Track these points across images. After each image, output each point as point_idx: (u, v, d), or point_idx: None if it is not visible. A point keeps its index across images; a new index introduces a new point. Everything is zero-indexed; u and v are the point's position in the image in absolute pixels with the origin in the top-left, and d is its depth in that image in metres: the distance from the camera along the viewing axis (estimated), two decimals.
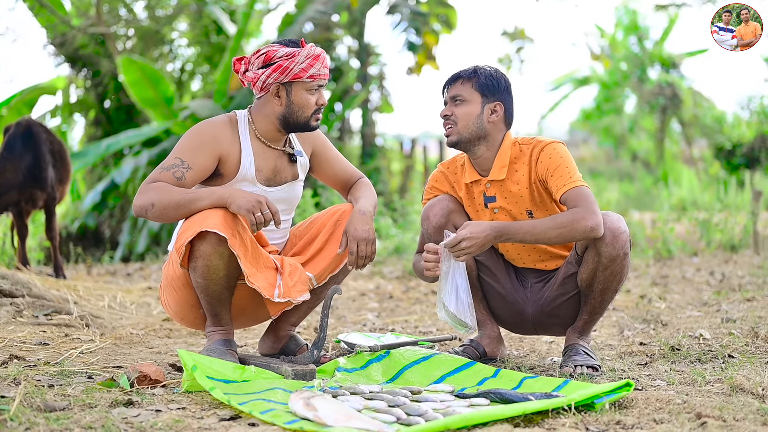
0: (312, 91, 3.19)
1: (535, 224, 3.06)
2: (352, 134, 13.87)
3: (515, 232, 3.06)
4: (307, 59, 3.14)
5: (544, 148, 3.21)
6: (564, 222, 3.03)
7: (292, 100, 3.18)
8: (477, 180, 3.30)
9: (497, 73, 3.26)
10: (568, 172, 3.13)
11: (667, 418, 2.41)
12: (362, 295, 5.82)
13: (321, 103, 3.22)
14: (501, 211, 3.28)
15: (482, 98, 3.22)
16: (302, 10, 11.69)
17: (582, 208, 3.05)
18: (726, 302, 5.02)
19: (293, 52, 3.13)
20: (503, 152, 3.25)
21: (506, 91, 3.26)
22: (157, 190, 3.00)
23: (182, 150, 3.11)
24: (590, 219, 3.02)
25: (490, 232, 3.04)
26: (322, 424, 2.31)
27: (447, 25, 12.91)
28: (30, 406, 2.46)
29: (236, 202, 2.98)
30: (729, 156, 15.66)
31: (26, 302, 4.32)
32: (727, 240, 8.24)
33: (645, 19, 21.09)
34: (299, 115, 3.19)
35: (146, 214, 3.01)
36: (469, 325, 3.12)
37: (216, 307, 3.11)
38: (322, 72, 3.18)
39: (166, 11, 13.24)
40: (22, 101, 11.83)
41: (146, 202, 3.00)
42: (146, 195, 3.01)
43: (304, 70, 3.14)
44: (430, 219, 3.33)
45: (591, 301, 3.23)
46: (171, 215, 3.01)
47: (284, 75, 3.14)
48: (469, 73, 3.25)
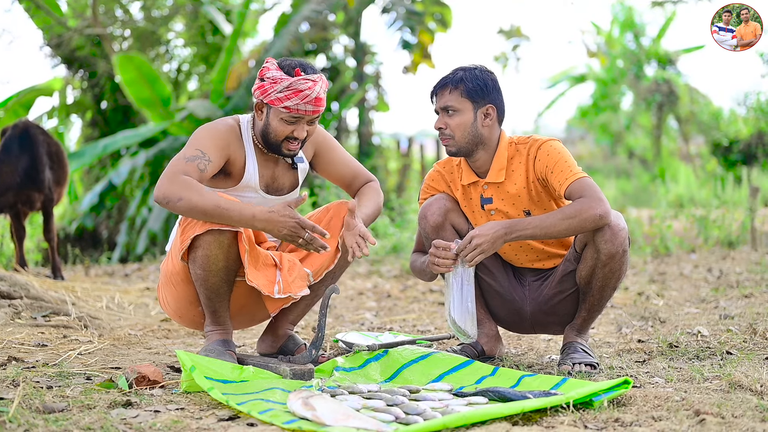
0: (286, 121, 3.13)
1: (544, 218, 3.05)
2: (348, 133, 13.87)
3: (524, 227, 3.05)
4: (287, 91, 3.08)
5: (541, 147, 3.20)
6: (572, 213, 3.02)
7: (269, 121, 3.16)
8: (475, 182, 3.31)
9: (483, 73, 3.23)
10: (567, 166, 3.13)
11: (665, 416, 2.42)
12: (360, 294, 5.82)
13: (297, 135, 3.15)
14: (498, 213, 3.28)
15: (473, 104, 3.20)
16: (298, 9, 11.68)
17: (588, 197, 3.04)
18: (724, 299, 5.02)
19: (277, 79, 3.10)
20: (500, 154, 3.25)
21: (495, 90, 3.24)
22: (188, 187, 2.96)
23: (201, 143, 3.10)
24: (598, 207, 3.02)
25: (500, 229, 3.04)
26: (321, 423, 2.31)
27: (442, 24, 12.91)
28: (29, 407, 2.46)
29: (273, 233, 3.00)
30: (726, 152, 15.67)
31: (24, 304, 4.32)
32: (724, 236, 8.26)
33: (641, 16, 21.11)
34: (272, 137, 3.17)
35: (167, 204, 2.96)
36: (469, 334, 3.13)
37: (214, 303, 3.11)
38: (300, 108, 3.09)
39: (162, 12, 13.23)
40: (18, 103, 11.82)
41: (174, 194, 2.96)
42: (174, 186, 2.97)
43: (280, 99, 3.09)
44: (428, 218, 3.33)
45: (589, 298, 3.23)
46: (196, 216, 2.98)
47: (263, 96, 3.12)
48: (456, 81, 3.21)
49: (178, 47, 13.87)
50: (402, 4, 12.45)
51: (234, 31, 10.87)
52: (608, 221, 3.05)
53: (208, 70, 13.32)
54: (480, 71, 3.23)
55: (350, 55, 13.35)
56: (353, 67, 13.16)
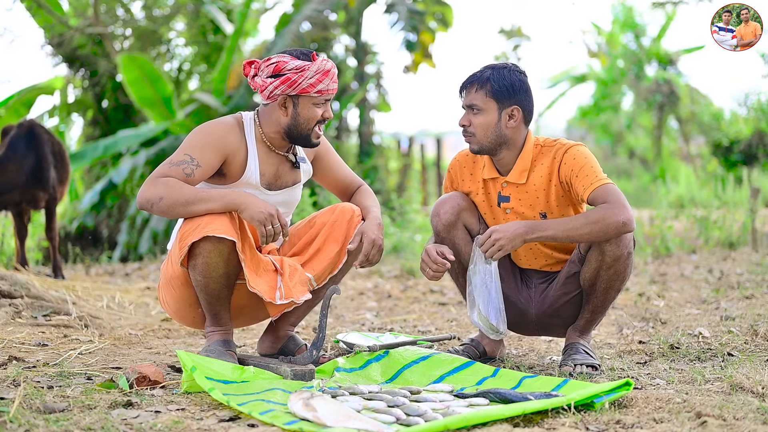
0: (319, 105, 3.17)
1: (567, 221, 3.05)
2: (349, 133, 13.87)
3: (546, 227, 3.04)
4: (317, 74, 3.11)
5: (568, 151, 3.19)
6: (596, 218, 3.02)
7: (298, 112, 3.15)
8: (494, 177, 3.30)
9: (511, 74, 3.19)
10: (593, 171, 3.12)
11: (666, 417, 2.41)
12: (361, 294, 5.82)
13: (327, 116, 3.20)
14: (512, 213, 3.28)
15: (498, 105, 3.17)
16: (299, 9, 11.68)
17: (612, 203, 3.03)
18: (725, 300, 5.02)
19: (303, 66, 3.10)
20: (525, 155, 3.23)
21: (522, 91, 3.19)
22: (167, 185, 2.99)
23: (192, 147, 3.09)
24: (622, 213, 3.01)
25: (521, 227, 3.04)
26: (322, 424, 2.31)
27: (443, 23, 12.89)
28: (29, 407, 2.46)
29: (248, 212, 2.99)
30: (726, 153, 15.68)
31: (25, 303, 4.32)
32: (725, 237, 8.25)
33: (642, 17, 21.11)
34: (304, 126, 3.17)
35: (151, 207, 2.99)
36: (500, 330, 3.14)
37: (215, 306, 3.11)
38: (330, 87, 3.14)
39: (163, 11, 13.23)
40: (19, 101, 11.82)
41: (154, 195, 2.98)
42: (154, 188, 2.99)
43: (312, 85, 3.11)
44: (440, 216, 3.32)
45: (593, 300, 3.22)
46: (179, 212, 3.00)
47: (292, 88, 3.11)
48: (483, 80, 3.18)
49: (179, 46, 13.87)
50: (404, 3, 12.44)
51: (235, 31, 10.87)
52: (631, 228, 3.04)
53: (209, 69, 13.32)
54: (509, 71, 3.20)
55: (351, 54, 13.34)
56: (354, 67, 13.16)
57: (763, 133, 15.24)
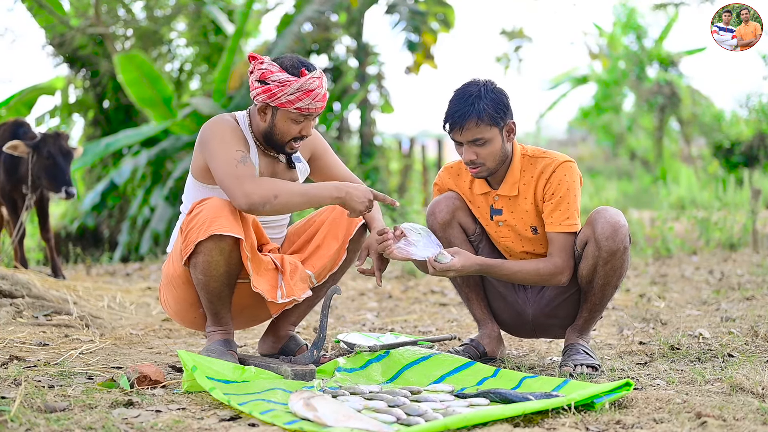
0: (294, 121, 3.11)
1: (518, 270, 3.19)
2: (350, 133, 13.87)
3: (497, 271, 3.19)
4: (298, 92, 3.04)
5: (557, 170, 3.19)
6: (545, 275, 3.19)
7: (275, 123, 3.12)
8: (486, 192, 3.31)
9: (494, 92, 3.13)
10: (568, 209, 3.17)
11: (667, 418, 2.42)
12: (361, 294, 5.83)
13: (304, 133, 3.14)
14: (505, 226, 3.29)
15: (498, 128, 3.14)
16: (301, 9, 11.67)
17: (562, 261, 3.19)
18: (725, 301, 5.02)
19: (286, 81, 3.04)
20: (514, 167, 3.24)
21: (508, 104, 3.17)
22: (273, 183, 2.99)
23: (231, 143, 3.05)
24: (566, 274, 3.21)
25: (477, 268, 3.17)
26: (322, 424, 2.31)
27: (445, 24, 12.89)
28: (30, 406, 2.46)
29: (351, 203, 3.06)
30: (728, 154, 15.68)
31: (26, 303, 4.32)
32: (726, 238, 8.25)
33: (644, 18, 21.10)
34: (278, 138, 3.14)
35: (266, 206, 2.96)
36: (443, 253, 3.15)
37: (216, 306, 3.11)
38: (312, 106, 3.07)
39: (164, 11, 13.23)
40: (20, 101, 11.83)
41: (268, 193, 2.96)
42: (263, 188, 2.97)
43: (291, 102, 3.05)
44: (436, 215, 3.35)
45: (591, 297, 3.23)
46: (296, 204, 3.01)
47: (271, 99, 3.06)
48: (479, 111, 3.08)
49: (180, 47, 13.87)
50: (405, 4, 12.44)
51: (236, 31, 10.86)
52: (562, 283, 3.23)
53: (210, 69, 13.32)
54: (491, 91, 3.14)
55: (352, 55, 13.34)
56: (355, 68, 13.16)
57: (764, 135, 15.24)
